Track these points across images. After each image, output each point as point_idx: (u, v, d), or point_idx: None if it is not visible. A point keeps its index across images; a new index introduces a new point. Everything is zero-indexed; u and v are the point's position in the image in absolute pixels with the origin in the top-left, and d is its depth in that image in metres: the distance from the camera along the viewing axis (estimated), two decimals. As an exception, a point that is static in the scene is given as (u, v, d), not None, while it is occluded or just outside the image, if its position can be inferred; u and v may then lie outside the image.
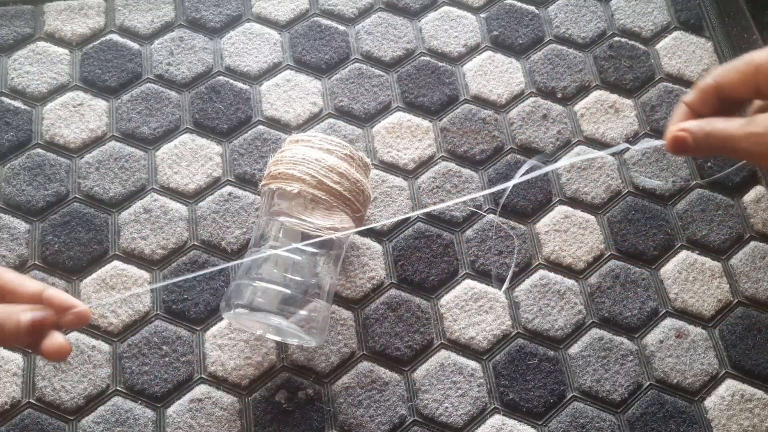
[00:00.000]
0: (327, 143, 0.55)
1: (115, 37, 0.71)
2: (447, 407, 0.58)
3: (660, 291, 0.63)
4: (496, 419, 0.57)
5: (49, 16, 0.72)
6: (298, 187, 0.53)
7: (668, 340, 0.61)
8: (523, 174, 0.45)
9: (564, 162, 0.65)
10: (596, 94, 0.70)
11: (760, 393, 0.59)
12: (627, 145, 0.47)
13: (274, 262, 0.54)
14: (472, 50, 0.72)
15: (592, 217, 0.65)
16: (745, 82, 0.37)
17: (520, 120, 0.69)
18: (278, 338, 0.59)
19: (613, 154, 0.67)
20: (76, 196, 0.64)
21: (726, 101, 0.38)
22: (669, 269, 0.63)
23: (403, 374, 0.59)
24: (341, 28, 0.73)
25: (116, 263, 0.62)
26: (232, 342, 0.59)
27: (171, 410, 0.57)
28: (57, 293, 0.37)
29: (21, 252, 0.62)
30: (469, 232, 0.64)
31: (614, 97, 0.70)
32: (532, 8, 0.74)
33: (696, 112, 0.39)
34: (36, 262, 0.61)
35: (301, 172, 0.53)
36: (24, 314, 0.36)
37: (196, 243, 0.63)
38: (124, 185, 0.65)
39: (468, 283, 0.62)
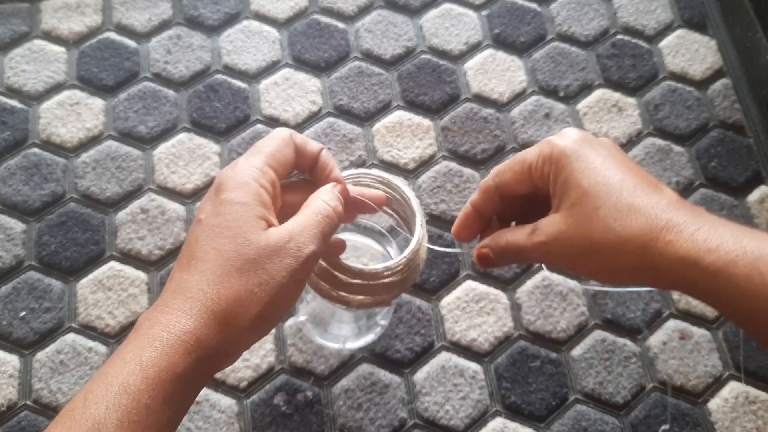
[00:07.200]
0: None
1: (112, 35, 0.71)
2: (448, 410, 0.57)
3: (664, 292, 0.62)
4: (498, 422, 0.57)
5: (45, 14, 0.71)
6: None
7: (672, 342, 0.60)
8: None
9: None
10: (599, 93, 0.70)
11: (764, 395, 0.58)
12: None
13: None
14: (474, 48, 0.71)
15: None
16: (521, 181, 0.38)
17: (522, 119, 0.68)
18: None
19: None
20: (73, 196, 0.63)
21: (508, 198, 0.40)
22: (672, 270, 0.63)
23: (403, 376, 0.58)
24: (341, 25, 0.72)
25: (113, 264, 0.61)
26: (230, 344, 0.59)
27: (168, 413, 0.56)
28: (329, 157, 0.39)
29: (17, 252, 0.61)
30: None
31: (617, 95, 0.70)
32: (534, 6, 0.73)
33: (481, 211, 0.41)
34: (32, 263, 0.61)
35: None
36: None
37: (194, 243, 0.62)
38: (120, 185, 0.64)
39: (469, 284, 0.61)
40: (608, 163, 0.35)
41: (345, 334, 0.58)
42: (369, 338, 0.58)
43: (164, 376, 0.30)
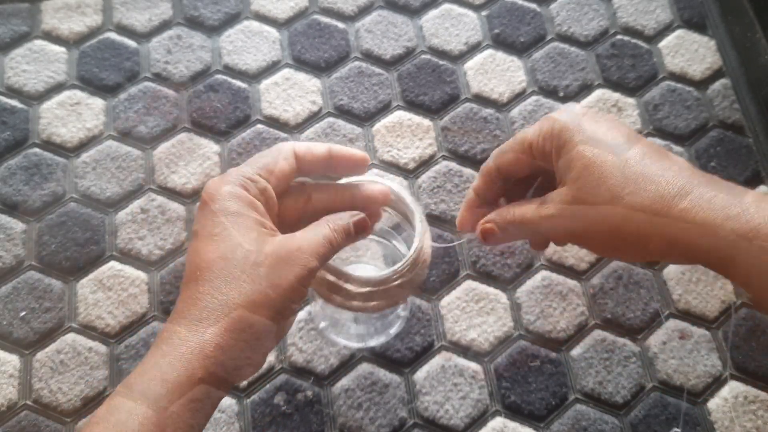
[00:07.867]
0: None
1: (112, 35, 0.71)
2: (448, 409, 0.57)
3: (663, 292, 0.62)
4: (498, 422, 0.57)
5: (46, 14, 0.71)
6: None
7: (671, 342, 0.60)
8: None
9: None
10: (598, 93, 0.70)
11: (763, 395, 0.58)
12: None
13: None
14: (473, 48, 0.71)
15: (594, 217, 0.64)
16: (522, 160, 0.37)
17: (521, 119, 0.68)
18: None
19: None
20: (73, 195, 0.64)
21: (510, 180, 0.39)
22: (672, 270, 0.63)
23: (403, 376, 0.58)
24: (341, 26, 0.72)
25: (113, 264, 0.61)
26: (230, 343, 0.59)
27: (169, 412, 0.56)
28: (340, 150, 0.39)
29: (17, 252, 0.61)
30: (470, 233, 0.63)
31: (617, 95, 0.70)
32: (533, 6, 0.74)
33: (484, 196, 0.40)
34: (32, 263, 0.61)
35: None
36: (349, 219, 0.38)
37: (194, 243, 0.62)
38: (121, 185, 0.64)
39: (469, 284, 0.61)
40: (613, 134, 0.34)
41: (366, 332, 0.58)
42: (392, 331, 0.59)
43: (184, 381, 0.30)
